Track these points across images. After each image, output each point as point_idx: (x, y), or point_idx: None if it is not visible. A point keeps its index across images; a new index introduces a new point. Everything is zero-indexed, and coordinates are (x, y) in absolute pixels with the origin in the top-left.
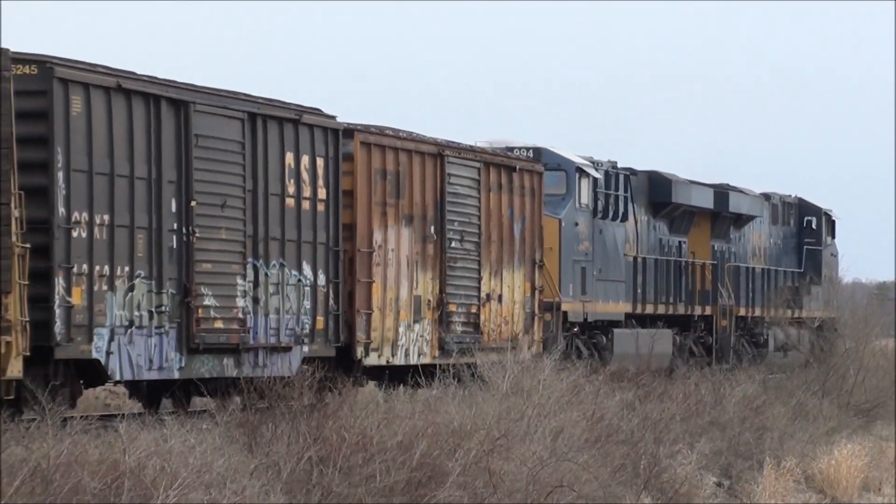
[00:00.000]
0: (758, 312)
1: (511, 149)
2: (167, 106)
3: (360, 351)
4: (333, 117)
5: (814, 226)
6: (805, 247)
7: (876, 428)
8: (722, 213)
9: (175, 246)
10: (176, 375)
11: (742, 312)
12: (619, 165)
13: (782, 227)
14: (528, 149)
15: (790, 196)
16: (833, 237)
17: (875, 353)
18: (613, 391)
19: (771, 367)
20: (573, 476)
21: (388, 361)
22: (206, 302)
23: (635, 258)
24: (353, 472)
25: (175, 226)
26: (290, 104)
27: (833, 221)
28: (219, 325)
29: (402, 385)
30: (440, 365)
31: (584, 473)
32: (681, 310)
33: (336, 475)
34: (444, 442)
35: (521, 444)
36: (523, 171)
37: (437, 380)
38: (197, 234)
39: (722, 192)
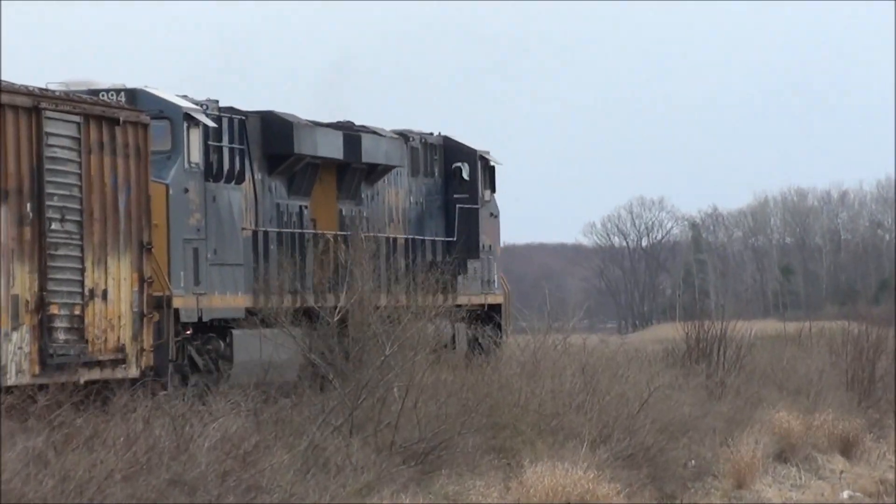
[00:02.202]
0: (403, 300)
1: (96, 92)
2: None
3: None
4: None
5: (465, 175)
6: (457, 205)
7: (438, 481)
8: (352, 164)
9: None
10: None
11: (384, 301)
12: (221, 105)
13: (425, 178)
14: (118, 91)
15: (432, 135)
16: (493, 190)
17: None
18: (13, 435)
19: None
20: None
21: None
22: None
23: (255, 232)
24: None
25: None
26: None
27: (492, 168)
28: None
29: None
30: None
31: None
32: (311, 301)
33: None
34: None
35: None
36: (127, 123)
37: None
38: None
39: (353, 136)
